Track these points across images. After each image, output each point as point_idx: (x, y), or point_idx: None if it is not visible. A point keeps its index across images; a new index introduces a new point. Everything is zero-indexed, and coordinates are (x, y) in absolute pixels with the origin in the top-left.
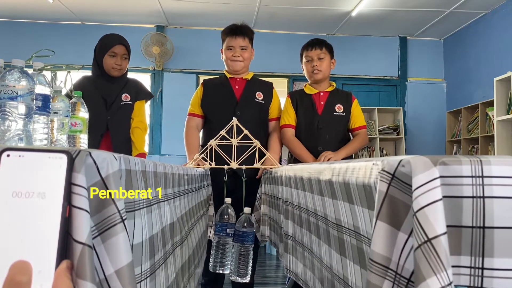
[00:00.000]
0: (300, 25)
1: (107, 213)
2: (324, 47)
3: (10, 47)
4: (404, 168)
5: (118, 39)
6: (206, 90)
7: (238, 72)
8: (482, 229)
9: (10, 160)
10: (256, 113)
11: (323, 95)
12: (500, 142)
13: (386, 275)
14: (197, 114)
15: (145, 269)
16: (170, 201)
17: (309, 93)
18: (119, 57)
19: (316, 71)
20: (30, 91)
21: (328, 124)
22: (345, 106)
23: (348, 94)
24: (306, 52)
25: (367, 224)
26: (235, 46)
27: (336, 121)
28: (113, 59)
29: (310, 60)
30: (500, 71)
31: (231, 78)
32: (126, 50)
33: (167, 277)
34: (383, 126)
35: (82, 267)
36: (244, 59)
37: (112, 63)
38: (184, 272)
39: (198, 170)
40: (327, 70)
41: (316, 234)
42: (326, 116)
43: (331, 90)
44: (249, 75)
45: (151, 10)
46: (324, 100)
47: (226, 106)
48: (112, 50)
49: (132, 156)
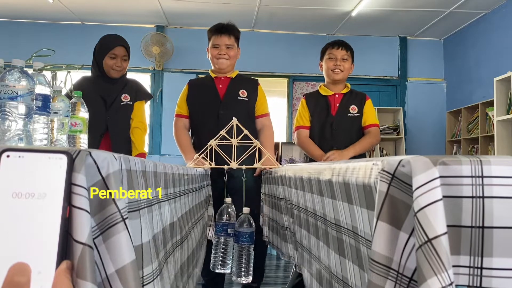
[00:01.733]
0: (300, 25)
1: (107, 213)
2: (350, 50)
3: (10, 47)
4: (404, 168)
5: (118, 41)
6: (191, 90)
7: (224, 70)
8: (482, 229)
9: (10, 160)
10: (240, 111)
11: (338, 97)
12: (500, 142)
13: (388, 275)
14: (183, 115)
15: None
16: (170, 201)
17: (324, 94)
18: (119, 58)
19: (337, 71)
20: (30, 91)
21: (343, 125)
22: (359, 107)
23: (363, 95)
24: (331, 50)
25: (365, 225)
26: (221, 44)
27: (351, 122)
28: (113, 60)
29: (333, 58)
30: (500, 71)
31: (216, 77)
32: (126, 51)
33: (169, 277)
34: (383, 126)
35: (82, 267)
36: (230, 57)
37: (112, 65)
38: (183, 272)
39: (198, 170)
40: (347, 73)
41: (315, 234)
42: (340, 118)
43: (346, 92)
44: (234, 73)
45: (151, 10)
46: (339, 102)
47: (209, 106)
48: (112, 52)
49: (132, 156)
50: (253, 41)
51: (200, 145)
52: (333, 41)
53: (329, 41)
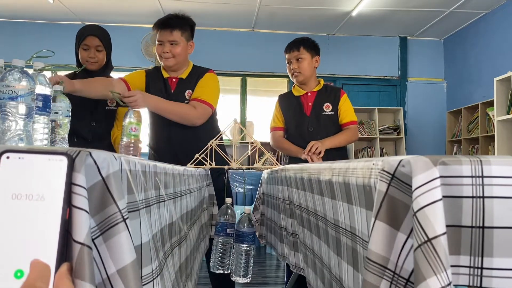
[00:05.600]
0: (300, 25)
1: (108, 213)
2: (302, 46)
3: (10, 47)
4: (404, 168)
5: (89, 30)
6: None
7: (171, 68)
8: (482, 229)
9: (10, 162)
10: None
11: (310, 96)
12: (500, 142)
13: (383, 274)
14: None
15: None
16: (170, 201)
17: (297, 95)
18: (93, 49)
19: (295, 74)
20: (31, 91)
21: (318, 125)
22: (333, 103)
23: (337, 90)
24: (286, 55)
25: (363, 225)
26: (164, 41)
27: (326, 120)
28: (86, 52)
29: (289, 62)
30: (500, 71)
31: (168, 78)
32: (100, 41)
33: (169, 277)
34: (383, 126)
35: (80, 267)
36: (175, 55)
37: (85, 57)
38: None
39: (198, 170)
40: (308, 70)
41: (317, 233)
42: (315, 117)
43: (318, 89)
44: (185, 72)
45: (151, 10)
46: (312, 101)
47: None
48: (84, 43)
49: (132, 156)
50: (253, 41)
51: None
52: (287, 44)
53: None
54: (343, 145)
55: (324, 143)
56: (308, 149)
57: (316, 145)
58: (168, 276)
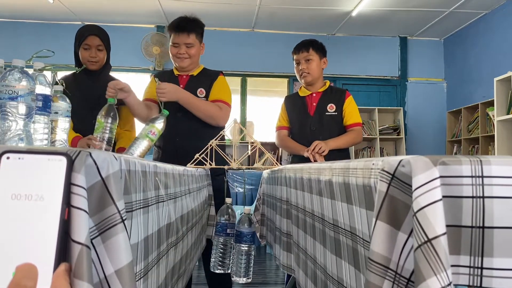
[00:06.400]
0: (300, 25)
1: (107, 213)
2: (312, 48)
3: (10, 47)
4: (404, 168)
5: (90, 30)
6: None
7: (185, 68)
8: (482, 229)
9: (9, 162)
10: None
11: (315, 96)
12: (500, 142)
13: (386, 275)
14: (148, 99)
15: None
16: (169, 201)
17: (302, 95)
18: (94, 49)
19: (304, 74)
20: (31, 91)
21: (321, 125)
22: (338, 105)
23: (342, 91)
24: (294, 55)
25: (363, 226)
26: (180, 43)
27: (329, 121)
28: (87, 52)
29: (298, 63)
30: (500, 71)
31: (179, 75)
32: (100, 40)
33: (158, 278)
34: (383, 126)
35: (79, 267)
36: (190, 56)
37: (87, 56)
38: (174, 273)
39: (198, 170)
40: (316, 71)
41: (312, 234)
42: (318, 117)
43: (324, 90)
44: (196, 70)
45: (151, 10)
46: (316, 101)
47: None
48: (85, 43)
49: (132, 157)
50: (253, 41)
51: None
52: (296, 45)
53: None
54: (347, 147)
55: (328, 144)
56: (312, 148)
57: (320, 145)
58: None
